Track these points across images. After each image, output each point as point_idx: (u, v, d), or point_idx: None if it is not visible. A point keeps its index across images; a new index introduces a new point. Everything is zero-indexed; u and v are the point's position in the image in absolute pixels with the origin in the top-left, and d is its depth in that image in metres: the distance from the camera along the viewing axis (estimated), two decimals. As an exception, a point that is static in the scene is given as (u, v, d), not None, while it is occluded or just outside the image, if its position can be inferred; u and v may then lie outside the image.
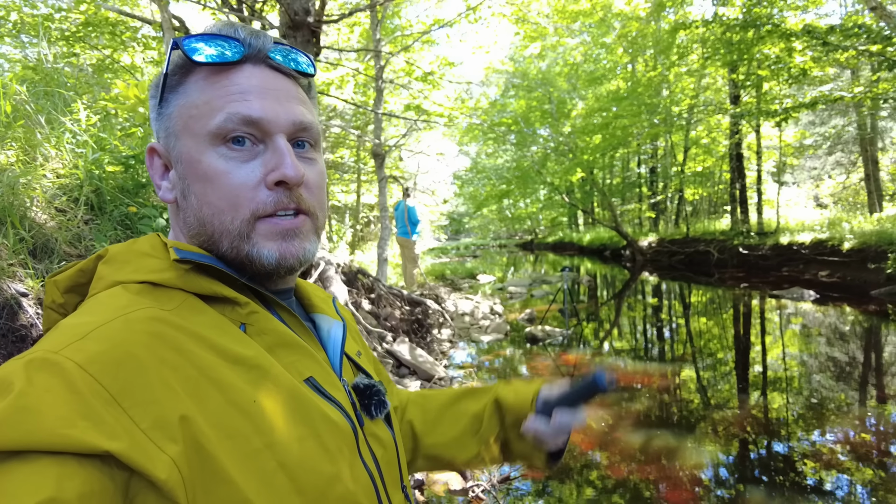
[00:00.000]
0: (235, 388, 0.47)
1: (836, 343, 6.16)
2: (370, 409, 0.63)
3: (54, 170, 2.64)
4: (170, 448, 0.41)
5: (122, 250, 0.56)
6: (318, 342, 0.64)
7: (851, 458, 3.37)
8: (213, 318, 0.52)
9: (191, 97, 0.58)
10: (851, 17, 9.78)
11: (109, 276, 0.54)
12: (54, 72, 3.74)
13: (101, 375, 0.41)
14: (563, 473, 3.37)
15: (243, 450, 0.45)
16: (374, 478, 0.58)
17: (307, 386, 0.55)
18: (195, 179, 0.57)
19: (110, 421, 0.39)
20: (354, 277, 5.56)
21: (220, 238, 0.57)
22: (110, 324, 0.45)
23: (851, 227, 11.30)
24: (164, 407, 0.42)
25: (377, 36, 8.20)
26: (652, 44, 16.33)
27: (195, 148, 0.57)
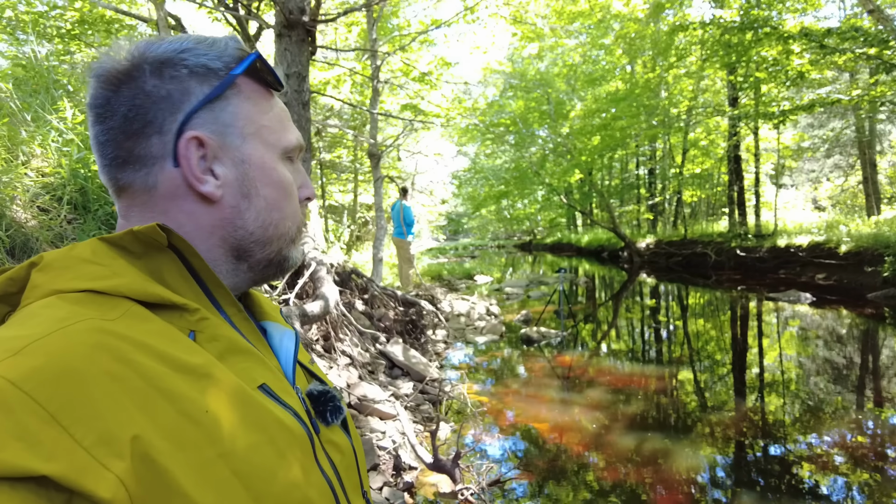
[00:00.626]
0: (186, 398, 0.46)
1: (832, 346, 6.15)
2: (325, 415, 0.63)
3: (38, 168, 2.61)
4: (115, 465, 0.39)
5: (59, 256, 0.53)
6: (269, 350, 0.63)
7: (847, 461, 3.36)
8: (160, 327, 0.50)
9: (261, 108, 0.63)
10: (849, 20, 9.79)
11: (45, 285, 0.50)
12: (45, 69, 3.71)
13: (38, 393, 0.38)
14: (555, 475, 3.36)
15: (196, 461, 0.44)
16: (332, 484, 0.57)
17: (261, 392, 0.53)
18: (267, 185, 0.61)
19: (47, 441, 0.37)
20: (348, 278, 5.53)
21: (272, 240, 0.63)
22: (48, 337, 0.42)
23: (849, 230, 11.30)
24: (108, 422, 0.40)
25: (374, 35, 8.18)
26: (650, 45, 16.34)
27: (269, 155, 0.62)
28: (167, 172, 0.58)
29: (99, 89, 0.58)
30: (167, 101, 0.57)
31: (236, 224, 0.60)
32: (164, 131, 0.57)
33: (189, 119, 0.58)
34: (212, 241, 0.60)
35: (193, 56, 0.59)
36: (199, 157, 0.58)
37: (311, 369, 0.70)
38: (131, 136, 0.57)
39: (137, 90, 0.57)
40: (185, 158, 0.57)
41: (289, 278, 4.20)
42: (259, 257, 0.62)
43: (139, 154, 0.57)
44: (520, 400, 4.76)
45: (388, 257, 11.81)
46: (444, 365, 5.71)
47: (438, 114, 9.88)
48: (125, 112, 0.57)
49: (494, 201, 24.68)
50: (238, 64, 0.61)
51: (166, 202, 0.58)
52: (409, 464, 3.40)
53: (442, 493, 3.09)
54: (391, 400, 4.09)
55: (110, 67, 0.57)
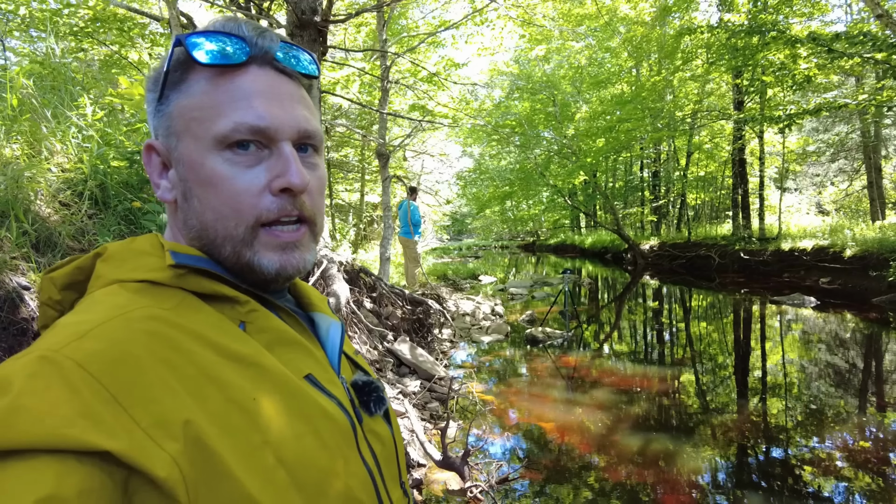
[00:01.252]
0: (235, 386, 0.48)
1: (836, 350, 6.16)
2: (369, 405, 0.64)
3: (59, 164, 2.66)
4: (170, 446, 0.41)
5: (120, 249, 0.56)
6: (316, 340, 0.64)
7: (850, 465, 3.36)
8: (212, 317, 0.52)
9: (193, 97, 0.57)
10: (857, 25, 9.79)
11: (108, 275, 0.54)
12: (61, 66, 3.75)
13: (101, 374, 0.41)
14: (561, 474, 3.38)
15: (243, 447, 0.45)
16: (372, 474, 0.58)
17: (307, 382, 0.55)
18: (197, 183, 0.57)
19: (109, 420, 0.39)
20: (356, 276, 5.58)
21: (223, 243, 0.57)
22: (109, 322, 0.45)
23: (853, 235, 11.28)
24: (164, 406, 0.42)
25: (383, 36, 8.23)
26: (656, 48, 16.34)
27: (197, 151, 0.57)
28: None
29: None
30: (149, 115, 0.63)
31: (189, 225, 0.59)
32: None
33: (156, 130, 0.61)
34: (184, 241, 0.61)
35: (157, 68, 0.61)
36: (158, 165, 0.61)
37: (355, 360, 0.71)
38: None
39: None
40: (148, 166, 0.62)
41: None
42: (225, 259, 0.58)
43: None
44: (525, 399, 4.79)
45: (395, 256, 11.85)
46: (450, 364, 5.75)
47: (446, 114, 9.91)
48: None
49: (499, 202, 24.68)
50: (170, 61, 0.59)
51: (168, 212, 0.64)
52: (418, 461, 3.43)
53: (451, 490, 3.12)
54: (399, 398, 4.13)
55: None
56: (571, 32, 13.94)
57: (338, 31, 10.58)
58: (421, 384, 4.63)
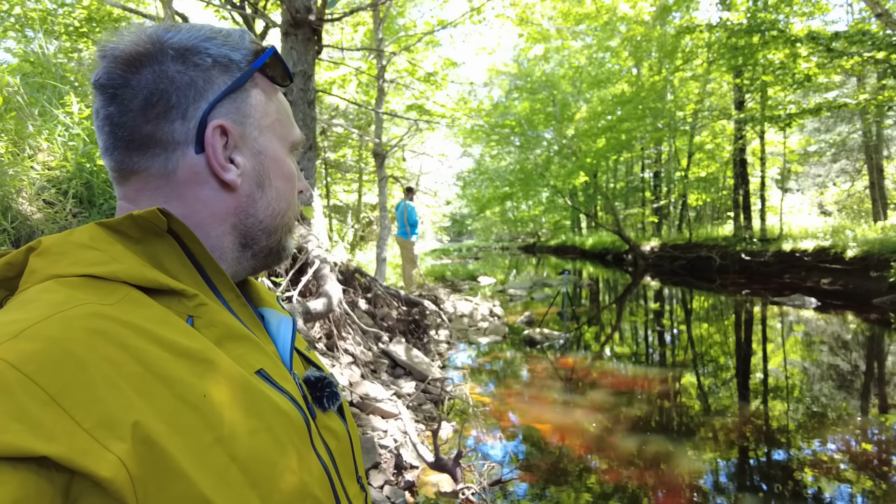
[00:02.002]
0: (183, 383, 0.46)
1: (837, 351, 6.12)
2: (322, 401, 0.63)
3: (44, 162, 2.62)
4: (116, 447, 0.39)
5: (57, 241, 0.53)
6: (267, 336, 0.63)
7: (852, 467, 3.34)
8: (158, 312, 0.50)
9: (274, 102, 0.65)
10: (857, 24, 9.75)
11: (43, 270, 0.50)
12: (52, 65, 3.72)
13: (38, 375, 0.39)
14: (557, 477, 3.35)
15: (195, 445, 0.44)
16: (328, 469, 0.58)
17: (258, 378, 0.54)
18: (279, 176, 0.64)
19: (47, 423, 0.37)
20: (351, 277, 5.54)
21: (280, 229, 0.65)
22: (47, 321, 0.42)
23: (855, 235, 11.25)
24: (108, 405, 0.40)
25: (379, 35, 8.20)
26: (656, 48, 16.31)
27: (281, 149, 0.65)
28: (189, 158, 0.58)
29: (115, 69, 0.57)
30: (191, 87, 0.58)
31: (248, 212, 0.62)
32: (188, 117, 0.58)
33: (213, 107, 0.59)
34: (223, 227, 0.61)
35: (216, 46, 0.60)
36: (222, 146, 0.59)
37: (307, 356, 0.71)
38: (152, 120, 0.57)
39: (161, 74, 0.57)
40: (211, 146, 0.58)
41: (292, 276, 4.20)
42: (263, 245, 0.64)
43: (160, 138, 0.57)
44: (522, 401, 4.75)
45: (392, 257, 11.82)
46: (446, 365, 5.71)
47: (444, 114, 9.89)
48: (147, 95, 0.56)
49: (499, 202, 24.67)
50: (257, 58, 0.62)
51: (183, 188, 0.59)
52: (411, 463, 3.40)
53: (443, 492, 3.09)
54: (393, 399, 4.09)
55: (130, 48, 0.57)
56: (570, 32, 13.91)
57: (335, 30, 10.56)
58: (415, 385, 4.59)
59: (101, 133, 0.59)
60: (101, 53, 0.58)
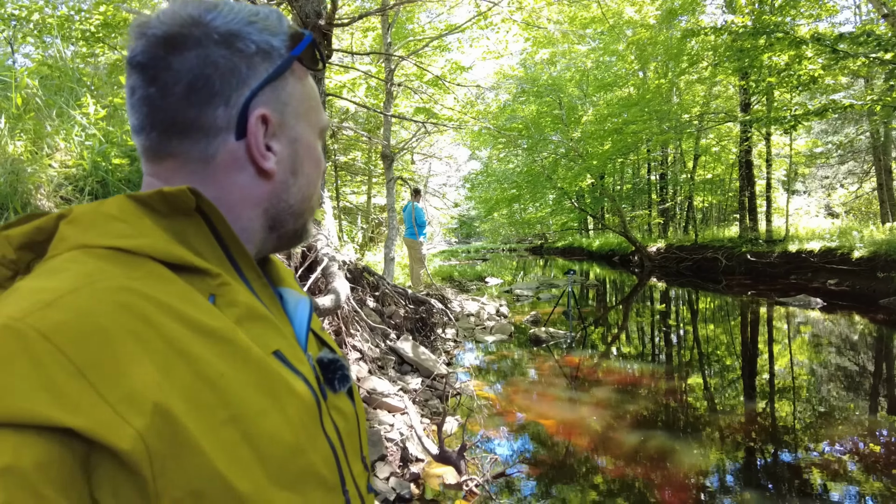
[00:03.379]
0: (203, 361, 0.47)
1: (844, 352, 6.13)
2: (333, 382, 0.65)
3: (62, 161, 2.74)
4: (136, 421, 0.40)
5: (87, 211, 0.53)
6: (285, 316, 0.65)
7: (858, 468, 3.34)
8: (182, 288, 0.51)
9: (306, 89, 0.65)
10: (865, 26, 9.75)
11: (73, 238, 0.51)
12: (69, 69, 3.84)
13: (67, 346, 0.40)
14: (560, 471, 3.41)
15: (210, 421, 0.45)
16: (335, 449, 0.60)
17: (275, 359, 0.55)
18: (310, 162, 0.66)
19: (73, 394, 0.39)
20: (360, 275, 5.65)
21: (304, 212, 0.67)
22: (77, 292, 0.43)
23: (862, 236, 11.21)
24: (132, 380, 0.42)
25: (388, 40, 8.32)
26: (662, 51, 16.32)
27: (312, 135, 0.66)
28: (229, 145, 0.59)
29: (157, 49, 0.56)
30: (235, 74, 0.58)
31: (281, 198, 0.64)
32: (231, 104, 0.58)
33: (254, 95, 0.59)
34: (255, 212, 0.62)
35: (257, 32, 0.60)
36: (262, 134, 0.60)
37: (322, 336, 0.72)
38: (195, 105, 0.57)
39: (205, 58, 0.57)
40: (253, 134, 0.59)
41: (301, 272, 4.31)
42: (289, 228, 0.66)
43: (202, 124, 0.58)
44: (527, 398, 4.82)
45: (401, 258, 11.92)
46: (453, 362, 5.79)
47: (451, 117, 9.98)
48: (191, 79, 0.56)
49: (506, 204, 24.70)
50: (296, 45, 0.63)
51: (221, 173, 0.60)
52: (417, 455, 3.48)
53: (447, 483, 3.16)
54: (400, 394, 4.18)
55: (173, 29, 0.56)
56: (576, 36, 13.97)
57: (345, 35, 10.69)
58: (422, 381, 4.68)
59: (137, 112, 0.58)
60: (139, 31, 0.57)
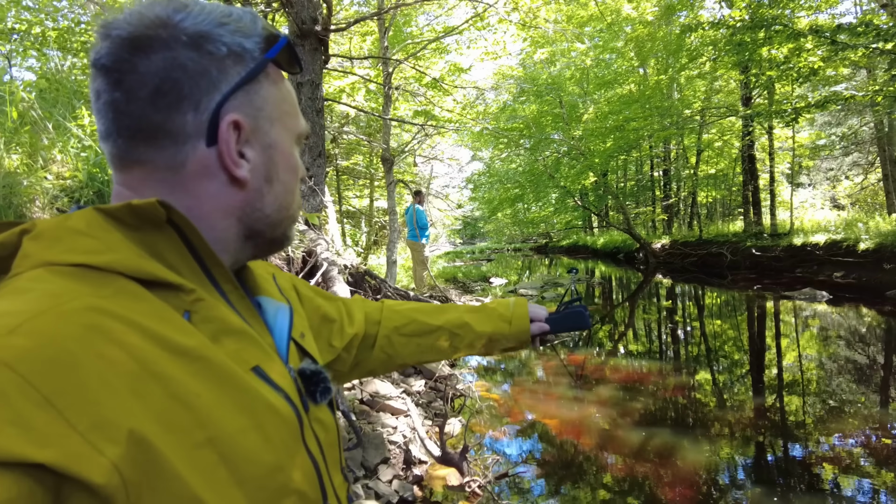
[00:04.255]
0: (178, 382, 0.46)
1: (852, 344, 6.09)
2: (315, 395, 0.64)
3: (58, 172, 2.77)
4: (110, 450, 0.39)
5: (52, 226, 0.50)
6: (264, 326, 0.63)
7: (868, 461, 3.30)
8: (154, 306, 0.49)
9: (281, 92, 0.63)
10: (864, 16, 9.70)
11: (36, 255, 0.48)
12: (67, 81, 3.88)
13: (32, 375, 0.38)
14: (562, 470, 3.40)
15: (187, 444, 0.44)
16: (317, 463, 0.59)
17: (253, 375, 0.54)
18: (286, 169, 0.63)
19: (41, 426, 0.37)
20: (361, 279, 5.66)
21: (282, 221, 0.64)
22: (42, 315, 0.41)
23: (867, 228, 11.13)
24: (103, 407, 0.40)
25: (385, 43, 8.35)
26: (662, 47, 16.29)
27: (288, 141, 0.63)
28: (199, 152, 0.56)
29: (121, 51, 0.53)
30: (205, 77, 0.55)
31: (255, 206, 0.60)
32: (201, 109, 0.55)
33: (226, 100, 0.56)
34: (229, 221, 0.59)
35: (229, 33, 0.57)
36: (235, 140, 0.57)
37: (303, 346, 0.70)
38: (162, 110, 0.54)
39: (173, 61, 0.53)
40: (225, 141, 0.56)
41: (302, 277, 4.33)
42: (266, 237, 0.63)
43: (169, 129, 0.54)
44: (531, 397, 4.81)
45: (404, 260, 11.94)
46: (456, 363, 5.79)
47: (451, 119, 10.00)
48: (157, 83, 0.53)
49: (509, 204, 24.70)
50: (270, 47, 0.60)
51: (191, 181, 0.57)
52: (419, 458, 3.48)
53: (450, 485, 3.16)
54: (402, 396, 4.18)
55: (138, 30, 0.53)
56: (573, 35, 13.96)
57: (343, 39, 10.73)
58: (425, 383, 4.69)
59: (102, 118, 0.55)
60: (104, 31, 0.53)
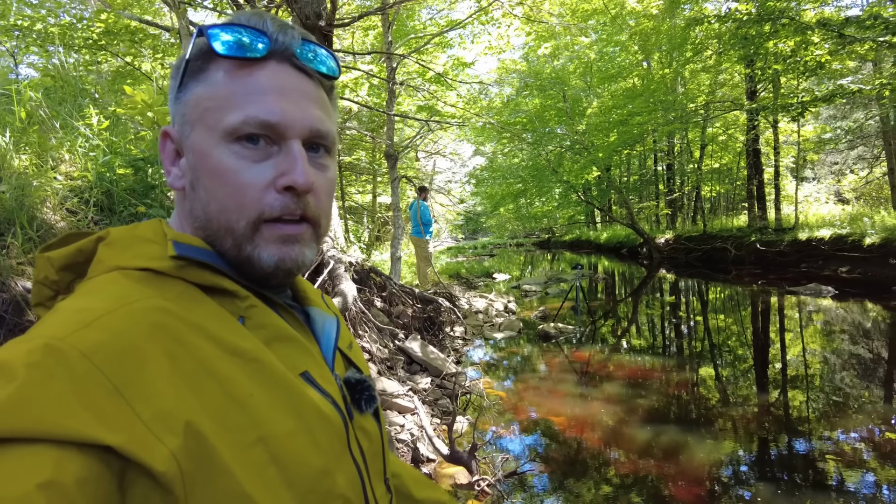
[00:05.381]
0: (233, 381, 0.48)
1: (857, 339, 6.06)
2: (360, 403, 0.65)
3: (67, 172, 2.75)
4: (170, 440, 0.42)
5: (123, 234, 0.56)
6: (312, 336, 0.65)
7: (873, 456, 3.29)
8: (213, 310, 0.53)
9: (210, 87, 0.57)
10: (872, 8, 9.62)
11: (109, 260, 0.54)
12: (72, 78, 3.86)
13: (105, 366, 0.41)
14: (572, 468, 3.39)
15: (239, 442, 0.46)
16: (360, 471, 0.60)
17: (302, 380, 0.56)
18: (205, 173, 0.57)
19: (111, 412, 0.40)
20: (367, 276, 5.64)
21: (225, 235, 0.57)
22: (114, 313, 0.45)
23: (873, 223, 11.07)
24: (165, 400, 0.43)
25: (388, 38, 8.30)
26: (666, 40, 16.19)
27: (208, 141, 0.57)
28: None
29: None
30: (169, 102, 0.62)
31: (195, 215, 0.60)
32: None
33: (173, 116, 0.61)
34: (189, 230, 0.61)
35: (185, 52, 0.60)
36: (171, 152, 0.61)
37: (349, 356, 0.71)
38: None
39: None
40: (162, 153, 0.62)
41: (308, 276, 4.31)
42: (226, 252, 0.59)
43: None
44: (537, 394, 4.80)
45: (407, 256, 11.91)
46: (462, 361, 5.78)
47: (454, 114, 9.96)
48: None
49: (512, 199, 24.64)
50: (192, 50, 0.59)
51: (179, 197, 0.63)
52: (428, 456, 3.47)
53: (459, 484, 3.14)
54: (409, 395, 4.17)
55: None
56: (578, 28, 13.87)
57: (346, 34, 10.68)
58: (431, 381, 4.67)
59: None
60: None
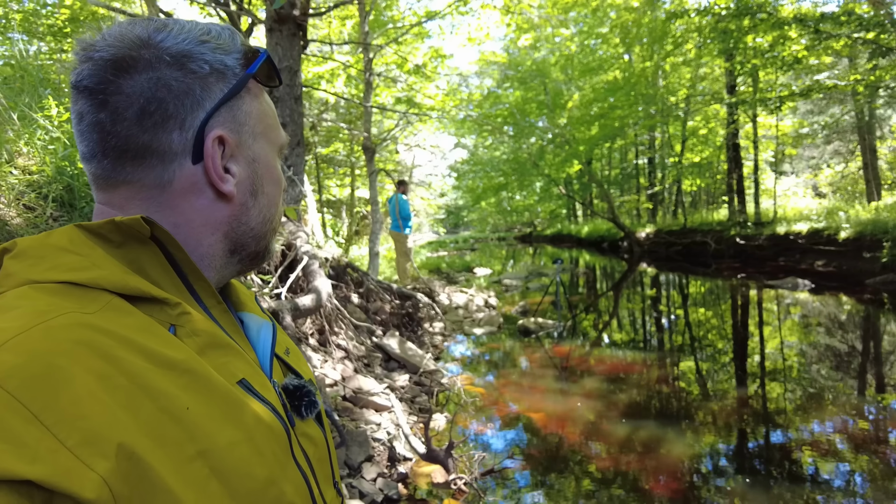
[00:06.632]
0: (167, 395, 0.45)
1: (832, 332, 6.15)
2: (300, 409, 0.63)
3: (24, 166, 2.61)
4: (100, 465, 0.38)
5: (34, 244, 0.51)
6: (247, 342, 0.63)
7: (848, 447, 3.35)
8: (141, 320, 0.49)
9: (264, 106, 0.64)
10: (847, 5, 9.73)
11: (20, 274, 0.49)
12: (33, 68, 3.70)
13: (21, 392, 0.38)
14: (551, 464, 3.37)
15: (178, 458, 0.44)
16: (307, 477, 0.58)
17: (240, 388, 0.54)
18: (270, 182, 0.64)
19: (30, 442, 0.37)
20: (343, 272, 5.54)
21: (266, 234, 0.65)
22: (29, 332, 0.41)
23: (848, 217, 11.27)
24: (93, 421, 0.40)
25: (365, 28, 8.16)
26: (647, 33, 16.25)
27: (271, 154, 0.65)
28: (185, 169, 0.57)
29: (105, 73, 0.54)
30: (189, 96, 0.56)
31: (241, 220, 0.62)
32: (186, 127, 0.56)
33: (210, 117, 0.57)
34: (216, 236, 0.60)
35: (210, 51, 0.58)
36: (220, 156, 0.59)
37: (287, 361, 0.70)
38: (149, 130, 0.55)
39: (157, 81, 0.55)
40: (211, 157, 0.57)
41: (281, 272, 4.20)
42: (251, 250, 0.64)
43: (156, 149, 0.55)
44: (516, 390, 4.77)
45: (386, 251, 11.81)
46: (441, 357, 5.73)
47: (433, 106, 9.86)
48: (143, 104, 0.54)
49: (493, 193, 24.68)
50: (250, 63, 0.61)
51: (178, 198, 0.58)
52: (404, 455, 3.42)
53: (436, 482, 3.11)
54: (386, 392, 4.10)
55: (121, 52, 0.54)
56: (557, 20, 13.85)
57: (323, 24, 10.50)
58: (409, 378, 4.60)
59: (86, 139, 0.55)
60: (85, 54, 0.54)
